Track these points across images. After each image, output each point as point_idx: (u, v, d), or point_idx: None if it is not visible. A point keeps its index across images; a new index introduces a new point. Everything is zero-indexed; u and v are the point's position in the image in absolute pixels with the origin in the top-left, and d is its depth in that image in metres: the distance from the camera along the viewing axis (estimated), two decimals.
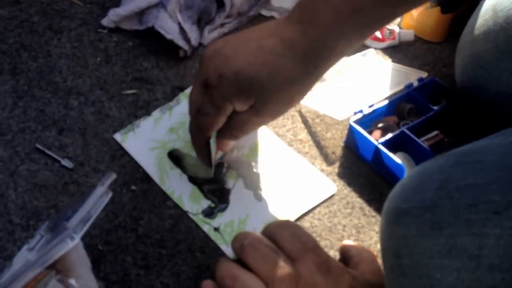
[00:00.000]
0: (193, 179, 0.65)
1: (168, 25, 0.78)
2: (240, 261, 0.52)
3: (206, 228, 0.62)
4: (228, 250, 0.60)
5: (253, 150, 0.69)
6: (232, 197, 0.64)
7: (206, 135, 0.60)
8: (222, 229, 0.62)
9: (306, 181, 0.67)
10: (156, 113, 0.72)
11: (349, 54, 0.59)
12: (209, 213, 0.63)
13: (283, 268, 0.49)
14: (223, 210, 0.63)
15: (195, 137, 0.62)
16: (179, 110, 0.72)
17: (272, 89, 0.55)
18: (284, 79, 0.55)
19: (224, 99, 0.56)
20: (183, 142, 0.68)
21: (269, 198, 0.65)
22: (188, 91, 0.75)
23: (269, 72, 0.54)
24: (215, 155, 0.64)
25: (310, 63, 0.54)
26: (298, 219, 0.64)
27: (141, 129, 0.70)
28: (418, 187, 0.45)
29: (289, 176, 0.67)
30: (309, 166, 0.68)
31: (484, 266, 0.39)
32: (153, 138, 0.69)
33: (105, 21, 0.81)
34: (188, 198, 0.64)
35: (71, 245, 0.44)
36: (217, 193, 0.64)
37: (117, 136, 0.69)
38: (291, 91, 0.56)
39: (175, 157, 0.67)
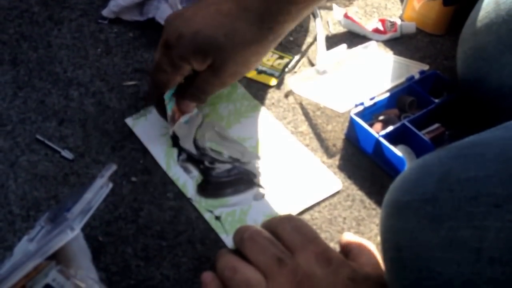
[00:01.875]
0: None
1: None
2: (240, 253, 0.52)
3: (207, 216, 0.62)
4: (227, 239, 0.60)
5: (260, 142, 0.69)
6: (235, 188, 0.65)
7: (161, 91, 0.64)
8: (223, 218, 0.62)
9: (311, 176, 0.66)
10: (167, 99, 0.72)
11: (302, 19, 0.63)
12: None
13: (282, 259, 0.49)
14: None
15: (152, 93, 0.66)
16: None
17: (229, 49, 0.59)
18: (240, 40, 0.59)
19: (181, 58, 0.60)
20: None
21: (272, 191, 0.64)
22: None
23: (225, 33, 0.58)
24: (178, 116, 0.67)
25: (264, 25, 0.59)
26: (300, 213, 0.63)
27: (153, 115, 0.70)
28: (418, 179, 0.45)
29: (295, 169, 0.67)
30: (315, 160, 0.68)
31: (484, 259, 0.39)
32: (163, 125, 0.69)
33: (105, 12, 0.81)
34: (192, 186, 0.64)
35: (71, 235, 0.44)
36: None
37: (129, 121, 0.70)
38: (247, 51, 0.60)
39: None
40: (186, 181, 0.65)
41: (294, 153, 0.68)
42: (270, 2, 0.58)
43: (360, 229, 0.63)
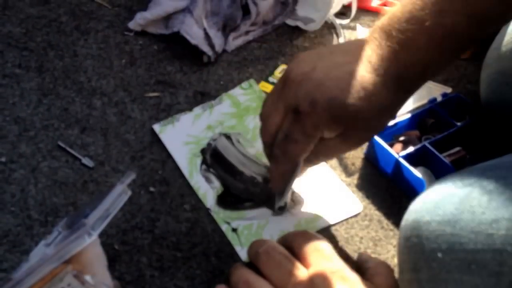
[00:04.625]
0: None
1: (194, 30, 0.79)
2: (254, 266, 0.52)
3: (224, 227, 0.62)
4: (242, 252, 0.60)
5: None
6: (255, 201, 0.65)
7: (294, 162, 0.57)
8: (240, 231, 0.62)
9: (332, 195, 0.66)
10: (197, 110, 0.73)
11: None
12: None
13: (297, 275, 0.49)
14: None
15: (281, 164, 0.58)
16: (220, 109, 0.73)
17: (364, 116, 0.53)
18: (377, 106, 0.52)
19: (315, 127, 0.54)
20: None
21: (292, 208, 0.64)
22: (232, 92, 0.76)
23: (362, 100, 0.52)
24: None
25: (402, 89, 0.53)
26: (317, 231, 0.63)
27: (180, 123, 0.71)
28: (439, 200, 0.45)
29: (317, 188, 0.66)
30: (338, 181, 0.67)
31: (504, 283, 0.38)
32: (189, 133, 0.70)
33: (131, 24, 0.82)
34: (212, 196, 0.64)
35: (89, 241, 0.44)
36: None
37: (156, 127, 0.70)
38: (382, 117, 0.55)
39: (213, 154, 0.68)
40: (207, 191, 0.65)
41: (317, 172, 0.68)
42: (409, 66, 0.51)
43: (377, 250, 0.62)
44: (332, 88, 0.52)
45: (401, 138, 0.69)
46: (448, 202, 0.44)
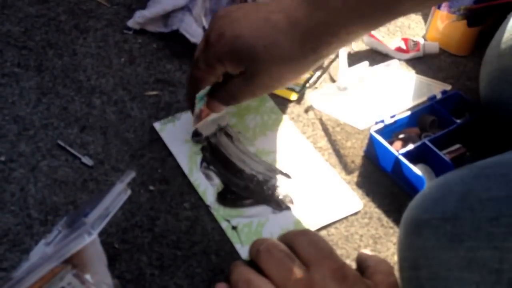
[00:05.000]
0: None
1: (193, 28, 0.79)
2: (254, 265, 0.52)
3: (224, 225, 0.62)
4: (242, 250, 0.60)
5: (284, 156, 0.69)
6: (254, 199, 0.65)
7: (195, 88, 0.62)
8: (240, 229, 0.62)
9: (332, 193, 0.66)
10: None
11: (349, 45, 0.61)
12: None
13: (297, 273, 0.49)
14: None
15: (187, 84, 0.65)
16: None
17: (265, 61, 0.56)
18: (279, 54, 0.56)
19: (217, 58, 0.58)
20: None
21: (292, 206, 0.64)
22: None
23: (265, 45, 0.56)
24: (206, 115, 0.67)
25: (308, 45, 0.55)
26: (317, 229, 0.63)
27: (181, 121, 0.71)
28: (439, 198, 0.45)
29: (317, 186, 0.66)
30: (338, 178, 0.67)
31: (504, 280, 0.38)
32: (190, 131, 0.70)
33: (130, 23, 0.82)
34: (212, 193, 0.64)
35: (88, 240, 0.44)
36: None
37: (157, 125, 0.70)
38: (284, 67, 0.57)
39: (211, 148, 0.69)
40: (207, 188, 0.65)
41: (318, 170, 0.68)
42: (320, 22, 0.54)
43: (376, 248, 0.62)
44: (242, 27, 0.57)
45: (401, 136, 0.69)
46: (448, 199, 0.44)
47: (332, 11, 0.53)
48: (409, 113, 0.71)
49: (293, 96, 0.76)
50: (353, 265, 0.59)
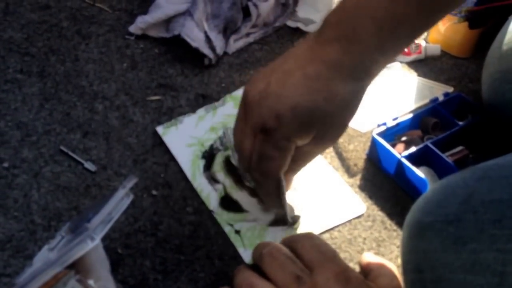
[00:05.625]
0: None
1: (194, 33, 0.79)
2: (258, 269, 0.52)
3: (227, 229, 0.62)
4: (245, 254, 0.60)
5: None
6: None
7: (275, 179, 0.56)
8: (243, 233, 0.62)
9: (335, 197, 0.66)
10: (200, 111, 0.73)
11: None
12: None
13: (301, 277, 0.49)
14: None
15: (264, 184, 0.57)
16: (223, 111, 0.74)
17: (331, 114, 0.52)
18: (339, 102, 0.52)
19: (287, 139, 0.53)
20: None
21: (295, 209, 0.64)
22: (235, 93, 0.76)
23: (324, 98, 0.51)
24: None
25: (358, 80, 0.52)
26: (320, 232, 0.63)
27: (183, 125, 0.71)
28: (442, 200, 0.45)
29: (320, 190, 0.66)
30: (341, 182, 0.67)
31: (507, 282, 0.38)
32: (192, 135, 0.70)
33: (132, 28, 0.82)
34: (216, 198, 0.64)
35: (91, 245, 0.44)
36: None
37: (159, 129, 0.71)
38: (346, 111, 0.54)
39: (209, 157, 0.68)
40: (210, 193, 0.65)
41: (320, 173, 0.68)
42: (362, 56, 0.50)
43: (380, 250, 0.62)
44: (292, 96, 0.51)
45: (403, 138, 0.69)
46: (451, 202, 0.44)
47: (368, 41, 0.50)
48: (411, 115, 0.71)
49: None
50: (357, 268, 0.59)
